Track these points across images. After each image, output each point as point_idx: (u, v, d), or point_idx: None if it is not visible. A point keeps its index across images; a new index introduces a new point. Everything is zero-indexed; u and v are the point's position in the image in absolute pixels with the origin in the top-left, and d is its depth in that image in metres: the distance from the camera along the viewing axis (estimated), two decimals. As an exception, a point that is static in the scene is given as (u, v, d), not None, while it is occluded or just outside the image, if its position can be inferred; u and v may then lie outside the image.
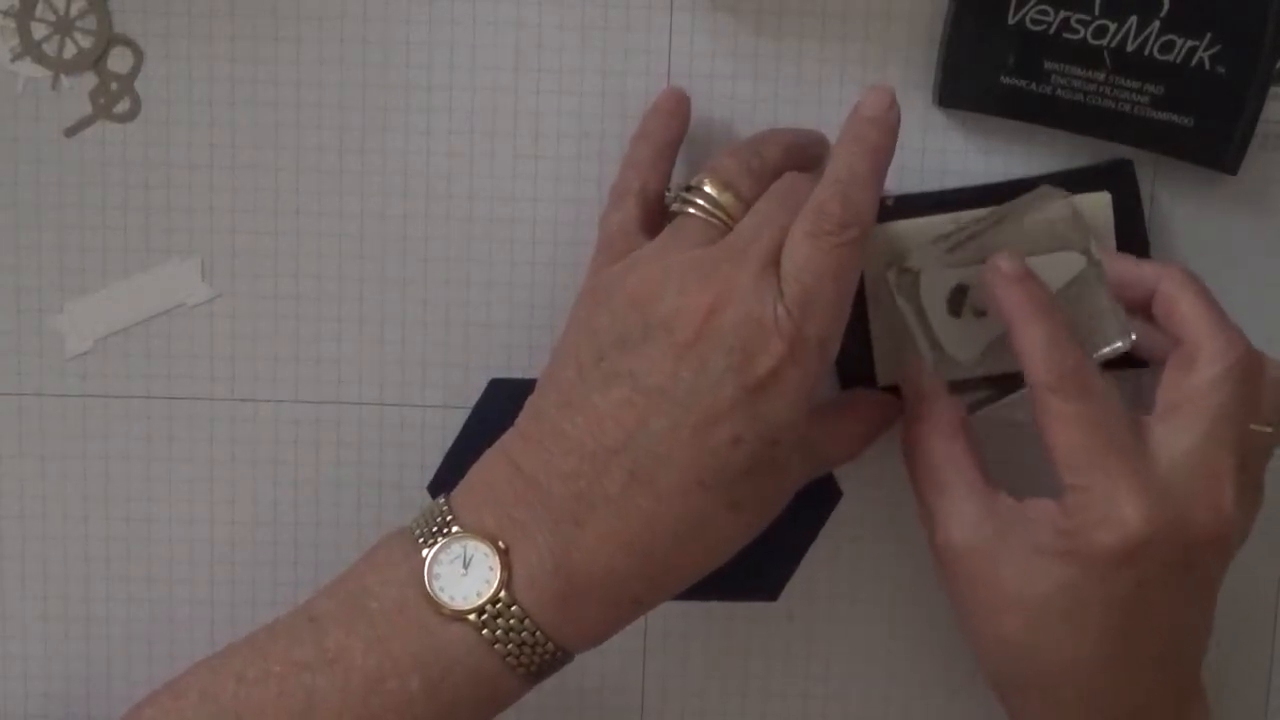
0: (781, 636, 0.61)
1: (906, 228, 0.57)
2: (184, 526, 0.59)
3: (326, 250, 0.58)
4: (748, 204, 0.50)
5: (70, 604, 0.60)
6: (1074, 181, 0.57)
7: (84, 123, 0.58)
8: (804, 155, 0.53)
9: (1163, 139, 0.57)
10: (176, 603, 0.60)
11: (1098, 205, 0.57)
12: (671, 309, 0.48)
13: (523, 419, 0.51)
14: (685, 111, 0.55)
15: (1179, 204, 0.59)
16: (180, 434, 0.58)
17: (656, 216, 0.53)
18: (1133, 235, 0.57)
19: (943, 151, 0.58)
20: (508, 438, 0.51)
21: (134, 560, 0.56)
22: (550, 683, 0.61)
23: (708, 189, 0.51)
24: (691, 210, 0.51)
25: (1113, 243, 0.57)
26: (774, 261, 0.48)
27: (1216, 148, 0.57)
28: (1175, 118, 0.56)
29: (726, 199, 0.50)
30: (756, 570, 0.58)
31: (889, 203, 0.57)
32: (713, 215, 0.50)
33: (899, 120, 0.50)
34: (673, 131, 0.55)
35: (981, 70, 0.56)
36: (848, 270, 0.48)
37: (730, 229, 0.50)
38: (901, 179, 0.58)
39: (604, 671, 0.59)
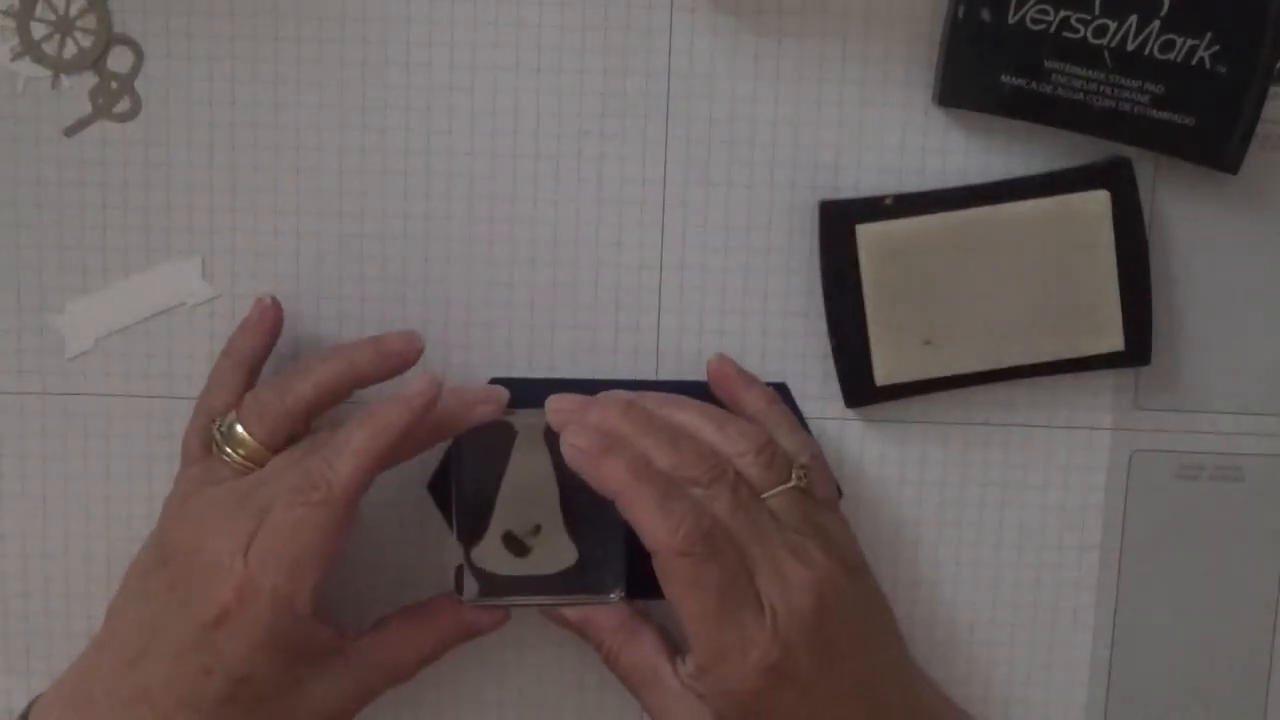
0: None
1: (905, 229, 0.57)
2: (184, 526, 0.59)
3: (326, 250, 0.58)
4: (266, 444, 0.53)
5: (71, 604, 0.60)
6: (1074, 181, 0.57)
7: (84, 123, 0.58)
8: (335, 392, 0.55)
9: (1163, 138, 0.57)
10: (177, 602, 0.60)
11: (1097, 204, 0.57)
12: (172, 540, 0.53)
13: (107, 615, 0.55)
14: (272, 324, 0.57)
15: (1179, 204, 0.59)
16: (180, 434, 0.58)
17: None
18: (1132, 235, 0.57)
19: (943, 151, 0.58)
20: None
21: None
22: (550, 681, 0.61)
23: (238, 431, 0.54)
24: (218, 451, 0.54)
25: (1111, 241, 0.57)
26: (267, 510, 0.51)
27: (1216, 147, 0.57)
28: (1175, 117, 0.56)
29: (248, 444, 0.53)
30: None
31: (888, 203, 0.57)
32: (232, 458, 0.54)
33: (432, 402, 0.52)
34: (257, 348, 0.57)
35: (981, 70, 0.56)
36: (310, 528, 0.50)
37: (252, 468, 0.53)
38: (901, 179, 0.58)
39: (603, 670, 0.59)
